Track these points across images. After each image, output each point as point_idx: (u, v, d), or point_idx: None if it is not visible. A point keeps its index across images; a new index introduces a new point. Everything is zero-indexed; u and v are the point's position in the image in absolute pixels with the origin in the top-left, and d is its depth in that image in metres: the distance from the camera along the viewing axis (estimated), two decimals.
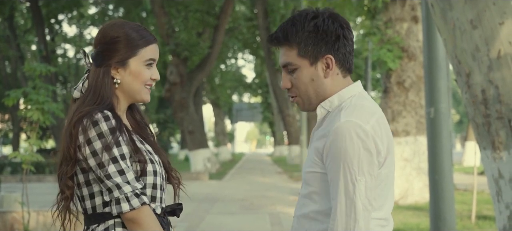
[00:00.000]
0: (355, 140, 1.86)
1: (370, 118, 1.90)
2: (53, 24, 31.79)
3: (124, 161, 2.00)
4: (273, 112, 44.02)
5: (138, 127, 2.25)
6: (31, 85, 7.44)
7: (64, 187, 2.09)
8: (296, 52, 1.99)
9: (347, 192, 1.86)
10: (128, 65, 2.12)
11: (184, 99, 21.63)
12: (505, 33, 4.21)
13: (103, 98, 2.08)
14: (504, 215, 4.42)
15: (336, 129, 1.89)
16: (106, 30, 2.14)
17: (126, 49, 2.11)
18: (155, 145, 2.23)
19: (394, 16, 12.06)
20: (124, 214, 2.00)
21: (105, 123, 2.00)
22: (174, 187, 2.28)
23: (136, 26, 2.15)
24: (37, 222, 8.21)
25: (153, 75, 2.16)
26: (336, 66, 2.00)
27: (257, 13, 27.22)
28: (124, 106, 2.18)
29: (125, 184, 1.98)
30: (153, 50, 2.16)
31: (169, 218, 2.19)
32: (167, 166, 2.23)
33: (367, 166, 1.86)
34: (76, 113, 2.05)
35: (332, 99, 2.01)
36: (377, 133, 1.89)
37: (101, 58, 2.12)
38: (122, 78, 2.13)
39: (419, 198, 11.85)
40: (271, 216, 10.53)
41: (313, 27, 1.97)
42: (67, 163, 2.05)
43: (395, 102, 11.98)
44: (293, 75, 2.02)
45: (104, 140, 1.98)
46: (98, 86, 2.09)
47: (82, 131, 2.00)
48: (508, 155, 4.30)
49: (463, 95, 4.61)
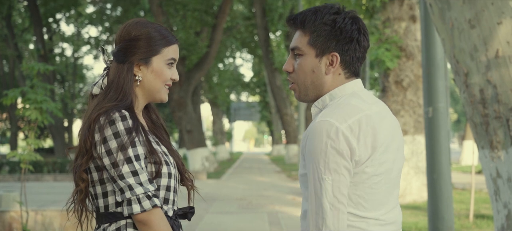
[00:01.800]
0: (324, 139, 1.86)
1: (349, 117, 1.89)
2: (51, 23, 31.79)
3: (138, 162, 2.00)
4: (271, 111, 44.03)
5: (154, 127, 2.25)
6: (29, 85, 7.43)
7: (78, 180, 2.08)
8: (308, 40, 2.00)
9: (315, 191, 1.87)
10: (151, 63, 2.13)
11: (182, 98, 21.63)
12: (503, 33, 4.21)
13: (125, 95, 2.08)
14: (502, 214, 4.43)
15: (309, 128, 1.92)
16: (129, 28, 2.14)
17: (149, 47, 2.12)
18: (170, 146, 2.23)
19: (392, 15, 12.07)
20: (135, 215, 1.99)
21: (122, 123, 2.00)
22: (188, 188, 2.28)
23: (159, 27, 2.16)
24: (35, 221, 8.20)
25: (173, 76, 2.16)
26: (339, 66, 2.00)
27: (255, 12, 27.22)
28: (142, 105, 2.18)
29: (137, 185, 1.98)
30: (175, 50, 2.17)
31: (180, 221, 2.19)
32: (181, 167, 2.23)
33: (334, 165, 1.86)
34: (97, 108, 2.05)
35: (324, 99, 2.02)
36: (354, 132, 1.88)
37: (124, 55, 2.12)
38: (144, 76, 2.13)
39: (417, 197, 11.87)
40: (269, 215, 10.53)
41: (331, 22, 1.97)
42: (82, 156, 2.04)
43: (393, 101, 11.99)
44: (297, 61, 2.03)
45: (120, 139, 1.98)
46: (121, 83, 2.09)
47: (98, 129, 2.00)
48: (506, 154, 4.31)
49: (461, 95, 4.62)
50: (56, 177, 19.47)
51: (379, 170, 1.94)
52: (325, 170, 1.86)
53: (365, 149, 1.90)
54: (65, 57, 36.93)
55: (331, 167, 1.86)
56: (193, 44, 21.53)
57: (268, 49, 27.28)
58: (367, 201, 1.93)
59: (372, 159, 1.92)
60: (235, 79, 45.58)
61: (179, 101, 21.60)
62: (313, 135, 1.89)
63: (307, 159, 1.91)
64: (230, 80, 42.75)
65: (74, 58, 37.38)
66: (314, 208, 1.87)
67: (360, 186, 1.92)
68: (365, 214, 1.93)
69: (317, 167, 1.87)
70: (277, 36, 32.58)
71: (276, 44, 30.01)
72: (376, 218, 1.95)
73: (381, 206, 1.96)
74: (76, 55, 37.62)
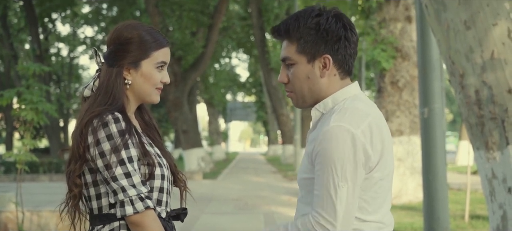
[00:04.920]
0: (341, 146, 1.85)
1: (361, 122, 1.89)
2: (46, 23, 31.73)
3: (131, 164, 2.00)
4: (267, 111, 44.00)
5: (147, 128, 2.25)
6: (25, 85, 7.41)
7: (72, 185, 2.09)
8: (295, 48, 1.98)
9: (329, 196, 1.86)
10: (140, 67, 2.12)
11: (178, 98, 21.61)
12: (499, 34, 4.22)
13: (115, 98, 2.08)
14: (497, 215, 4.44)
15: (324, 132, 1.88)
16: (120, 31, 2.14)
17: (139, 50, 2.11)
18: (162, 147, 2.23)
19: (388, 16, 12.09)
20: (128, 217, 2.00)
21: (115, 125, 2.00)
22: (181, 189, 2.29)
23: (150, 29, 2.16)
24: (31, 222, 8.19)
25: (163, 79, 2.16)
26: (333, 67, 1.98)
27: (251, 13, 27.20)
28: (133, 107, 2.19)
29: (130, 187, 1.98)
30: (165, 54, 2.16)
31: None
32: (174, 168, 2.23)
33: (350, 174, 1.85)
34: (88, 113, 2.05)
35: (326, 102, 1.99)
36: (367, 137, 1.88)
37: (114, 58, 2.12)
38: (133, 80, 2.13)
39: (412, 198, 11.88)
40: (265, 215, 10.54)
41: (315, 25, 1.95)
42: (76, 161, 2.05)
43: (389, 102, 12.01)
44: (290, 71, 2.01)
45: (113, 141, 1.99)
46: (110, 86, 2.09)
47: (91, 132, 2.01)
48: (501, 155, 4.32)
49: (457, 96, 4.63)
50: (52, 177, 19.43)
51: (384, 173, 1.95)
52: (342, 177, 1.85)
53: (375, 154, 1.90)
54: (61, 57, 36.84)
55: (348, 176, 1.85)
56: (189, 44, 21.51)
57: (264, 50, 27.26)
58: (371, 204, 1.94)
59: (380, 163, 1.92)
60: (231, 79, 45.53)
61: (175, 102, 21.58)
62: (328, 140, 1.86)
63: (321, 162, 1.88)
64: (226, 81, 42.71)
65: (70, 58, 37.29)
66: (324, 213, 1.86)
67: (368, 191, 1.92)
68: (368, 217, 1.94)
69: (333, 173, 1.85)
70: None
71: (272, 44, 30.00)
72: (377, 221, 1.96)
73: (381, 208, 1.97)
74: (72, 55, 37.54)
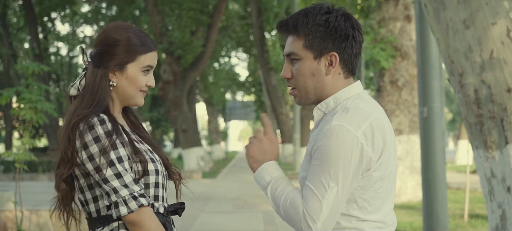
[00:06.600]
0: (339, 146, 1.85)
1: (362, 122, 1.88)
2: (46, 22, 31.68)
3: (121, 164, 2.00)
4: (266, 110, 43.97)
5: (134, 127, 2.26)
6: (24, 84, 7.41)
7: (57, 188, 2.10)
8: (302, 43, 1.97)
9: (318, 195, 1.86)
10: (126, 70, 2.12)
11: (178, 97, 21.60)
12: (498, 33, 4.22)
13: (100, 100, 2.08)
14: (496, 214, 4.45)
15: (325, 130, 1.89)
16: (109, 32, 2.13)
17: (125, 53, 2.11)
18: (152, 143, 2.23)
19: (387, 15, 12.09)
20: (123, 217, 2.00)
21: (101, 127, 2.00)
22: (176, 183, 2.28)
23: (139, 32, 2.15)
24: (30, 221, 8.19)
25: (148, 82, 2.16)
26: (339, 65, 1.98)
27: (251, 12, 27.17)
28: (118, 108, 2.19)
29: (122, 187, 1.98)
30: (152, 58, 2.16)
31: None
32: (166, 162, 2.23)
33: (342, 176, 1.86)
34: (74, 116, 2.05)
35: (328, 101, 1.99)
36: (368, 138, 1.88)
37: (100, 59, 2.11)
38: (118, 82, 2.13)
39: (412, 197, 11.89)
40: (264, 214, 10.53)
41: (324, 22, 1.95)
42: (65, 165, 2.05)
43: (388, 101, 12.01)
44: (294, 66, 2.00)
45: (100, 143, 1.98)
46: (95, 88, 2.09)
47: (79, 136, 2.00)
48: (500, 155, 4.32)
49: (456, 95, 4.63)
50: (51, 176, 19.40)
51: (385, 173, 1.94)
52: (333, 177, 1.86)
53: (376, 155, 1.90)
54: (60, 57, 36.84)
55: (340, 178, 1.86)
56: (189, 43, 21.50)
57: (264, 49, 27.24)
58: (371, 204, 1.93)
59: (380, 162, 1.92)
60: (231, 78, 45.50)
61: (174, 101, 21.58)
62: (328, 137, 1.87)
63: (317, 158, 1.88)
64: (225, 80, 42.70)
65: (69, 57, 37.28)
66: (309, 208, 1.86)
67: (367, 190, 1.92)
68: (368, 217, 1.93)
69: (326, 172, 1.86)
70: (272, 36, 32.54)
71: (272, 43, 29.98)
72: (377, 221, 1.95)
73: (382, 208, 1.96)
74: (71, 54, 37.52)
